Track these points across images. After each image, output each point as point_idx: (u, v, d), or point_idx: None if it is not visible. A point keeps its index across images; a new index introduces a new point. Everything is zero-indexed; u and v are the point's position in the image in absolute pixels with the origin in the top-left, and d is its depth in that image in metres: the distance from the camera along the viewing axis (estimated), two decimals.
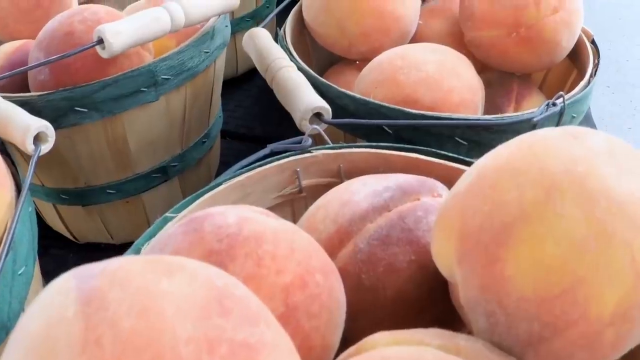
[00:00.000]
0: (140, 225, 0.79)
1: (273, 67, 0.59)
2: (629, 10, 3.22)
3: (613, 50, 2.88)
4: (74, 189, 0.72)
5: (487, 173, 0.33)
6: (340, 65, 0.76)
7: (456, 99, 0.58)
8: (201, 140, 0.77)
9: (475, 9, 0.68)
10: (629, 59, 2.89)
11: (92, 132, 0.66)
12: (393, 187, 0.43)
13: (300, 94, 0.54)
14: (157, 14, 0.61)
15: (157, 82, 0.65)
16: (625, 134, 2.41)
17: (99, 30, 0.58)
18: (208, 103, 0.75)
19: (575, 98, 0.58)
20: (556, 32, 0.64)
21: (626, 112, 2.50)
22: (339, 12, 0.69)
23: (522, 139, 0.34)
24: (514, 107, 0.68)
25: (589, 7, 0.67)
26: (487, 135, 0.54)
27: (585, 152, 0.31)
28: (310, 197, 0.51)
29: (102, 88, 0.62)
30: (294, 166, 0.50)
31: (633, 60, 2.88)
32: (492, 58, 0.69)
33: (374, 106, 0.56)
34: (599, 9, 3.12)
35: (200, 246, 0.35)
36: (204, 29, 0.69)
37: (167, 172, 0.75)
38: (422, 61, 0.59)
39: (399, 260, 0.40)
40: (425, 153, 0.49)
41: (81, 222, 0.78)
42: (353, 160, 0.50)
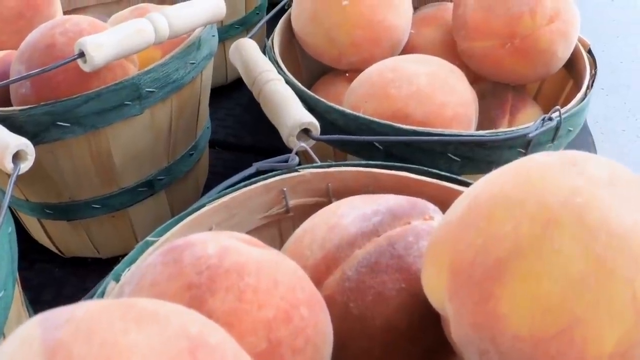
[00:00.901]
0: (127, 239, 0.78)
1: (260, 80, 0.57)
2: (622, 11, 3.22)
3: (607, 51, 2.88)
4: (58, 204, 0.70)
5: (480, 202, 0.31)
6: (331, 76, 0.74)
7: (449, 113, 0.56)
8: (188, 153, 0.75)
9: (468, 19, 0.66)
10: (623, 60, 2.88)
11: (75, 146, 0.64)
12: (383, 211, 0.41)
13: (287, 109, 0.52)
14: (141, 26, 0.59)
15: (142, 95, 0.63)
16: (618, 136, 2.40)
17: (79, 43, 0.56)
18: (195, 115, 0.74)
19: (572, 112, 0.56)
20: (552, 42, 0.63)
21: (620, 114, 2.50)
22: (328, 23, 0.67)
23: (518, 165, 0.32)
24: (509, 119, 0.67)
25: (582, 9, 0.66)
26: (480, 152, 0.53)
27: (585, 182, 0.30)
28: (297, 217, 0.49)
29: (85, 102, 0.60)
30: (281, 186, 0.48)
31: (627, 61, 2.87)
32: (485, 69, 0.67)
33: (364, 121, 0.54)
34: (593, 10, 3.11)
35: (179, 279, 0.34)
36: (190, 40, 0.67)
37: (153, 186, 0.73)
38: (414, 74, 0.58)
39: (388, 288, 0.38)
40: (416, 172, 0.47)
41: (67, 236, 0.77)
42: (342, 179, 0.48)
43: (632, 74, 2.79)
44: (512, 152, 0.54)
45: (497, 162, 0.54)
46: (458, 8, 0.68)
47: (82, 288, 0.79)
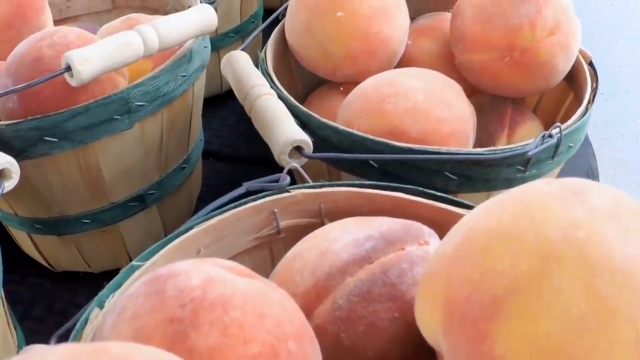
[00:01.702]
0: (118, 254, 0.76)
1: (251, 94, 0.55)
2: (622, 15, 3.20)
3: (606, 56, 2.86)
4: (48, 219, 0.68)
5: (477, 235, 0.30)
6: (325, 88, 0.72)
7: (446, 130, 0.54)
8: (180, 166, 0.74)
9: (466, 31, 0.64)
10: (622, 65, 2.87)
11: (63, 161, 0.62)
12: (375, 236, 0.39)
13: (279, 125, 0.51)
14: (129, 39, 0.57)
15: (131, 109, 0.61)
16: (618, 142, 2.39)
17: (66, 57, 0.55)
18: (187, 128, 0.72)
19: (572, 128, 0.55)
20: (552, 55, 0.61)
21: (619, 120, 2.48)
22: (323, 35, 0.65)
23: (517, 195, 0.31)
24: (508, 133, 0.65)
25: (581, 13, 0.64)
26: (478, 170, 0.51)
27: (586, 214, 0.28)
28: (289, 239, 0.48)
29: (72, 117, 0.59)
30: (271, 207, 0.47)
31: (626, 66, 2.86)
32: (484, 82, 0.66)
33: (358, 139, 0.52)
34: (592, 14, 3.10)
35: (162, 312, 0.32)
36: (181, 52, 0.65)
37: (144, 200, 0.71)
38: (410, 89, 0.56)
39: (380, 318, 0.37)
40: (411, 192, 0.46)
41: (57, 251, 0.75)
42: (335, 200, 0.47)
43: (631, 78, 2.78)
44: (511, 170, 0.52)
45: (496, 180, 0.53)
46: (456, 19, 0.67)
47: (73, 303, 0.78)
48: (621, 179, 2.22)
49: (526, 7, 0.60)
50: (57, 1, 0.86)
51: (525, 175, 0.53)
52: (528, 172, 0.53)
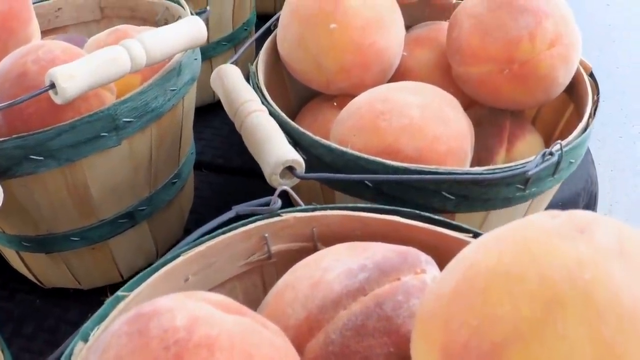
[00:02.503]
0: (109, 270, 0.74)
1: (242, 111, 0.54)
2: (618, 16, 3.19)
3: (602, 57, 2.85)
4: (36, 237, 0.67)
5: (476, 275, 0.28)
6: (319, 101, 0.70)
7: (442, 148, 0.53)
8: (171, 181, 0.72)
9: (463, 43, 0.62)
10: (619, 66, 2.86)
11: (50, 180, 0.60)
12: (370, 266, 0.38)
13: (270, 144, 0.49)
14: (115, 54, 0.56)
15: (118, 126, 0.60)
16: (615, 143, 2.38)
17: (50, 74, 0.53)
18: (177, 142, 0.70)
19: (573, 144, 0.53)
20: (552, 68, 0.59)
21: (616, 121, 2.47)
22: (315, 47, 0.63)
23: (518, 230, 0.29)
24: (506, 148, 0.63)
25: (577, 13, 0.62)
26: (477, 189, 0.50)
27: (592, 253, 0.26)
28: (281, 264, 0.46)
29: (58, 135, 0.57)
30: (262, 232, 0.45)
31: (622, 67, 2.85)
32: (482, 95, 0.64)
33: (352, 158, 0.51)
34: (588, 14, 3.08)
35: (145, 354, 0.31)
36: (170, 65, 0.63)
37: (134, 217, 0.69)
38: (405, 105, 0.54)
39: (375, 353, 0.35)
40: (407, 216, 0.44)
41: (46, 268, 0.74)
42: (327, 224, 0.45)
43: (628, 79, 2.77)
44: (511, 189, 0.51)
45: (494, 199, 0.51)
46: (453, 30, 0.64)
47: (64, 320, 0.76)
48: (618, 181, 2.21)
49: (525, 18, 0.59)
50: (45, 11, 0.84)
51: (525, 193, 0.52)
52: (528, 190, 0.51)
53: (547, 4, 0.59)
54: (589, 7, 3.18)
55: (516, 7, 0.59)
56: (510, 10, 0.59)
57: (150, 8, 0.82)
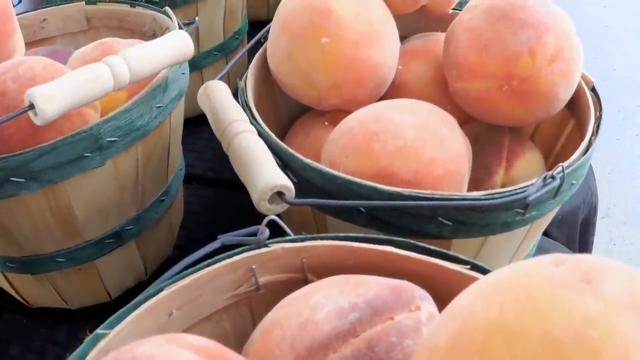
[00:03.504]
0: (96, 290, 0.72)
1: (229, 131, 0.52)
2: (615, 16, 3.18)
3: (599, 58, 2.84)
4: (20, 258, 0.65)
5: (474, 329, 0.26)
6: (311, 116, 0.68)
7: (439, 171, 0.50)
8: (159, 199, 0.70)
9: (460, 58, 0.60)
10: (616, 67, 2.84)
11: (32, 202, 0.58)
12: (361, 305, 0.36)
13: (258, 168, 0.47)
14: (97, 72, 0.53)
15: (102, 146, 0.57)
16: (613, 145, 2.36)
17: (29, 94, 0.51)
18: (165, 160, 0.68)
19: (576, 165, 0.51)
20: (553, 84, 0.56)
21: (614, 123, 2.45)
22: (306, 62, 0.61)
23: (521, 279, 0.27)
24: (505, 167, 0.61)
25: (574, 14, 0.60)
26: (474, 215, 0.47)
27: (600, 308, 0.24)
28: (270, 295, 0.44)
29: (39, 156, 0.55)
30: (249, 263, 0.43)
31: (620, 68, 2.83)
32: (480, 112, 0.61)
33: (344, 182, 0.48)
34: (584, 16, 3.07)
35: None
36: (156, 81, 0.61)
37: (121, 237, 0.67)
38: (400, 126, 0.52)
39: None
40: (401, 245, 0.42)
41: (32, 289, 0.71)
42: (318, 255, 0.43)
43: (625, 81, 2.75)
44: (510, 214, 0.48)
45: (493, 224, 0.49)
46: (449, 45, 0.62)
47: (51, 340, 0.75)
48: (616, 183, 2.20)
49: (526, 32, 0.56)
50: (30, 22, 0.82)
51: (524, 217, 0.49)
52: (528, 214, 0.49)
53: (548, 16, 0.57)
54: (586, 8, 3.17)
55: (515, 21, 0.56)
56: (509, 23, 0.57)
57: (138, 19, 0.80)
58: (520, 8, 0.57)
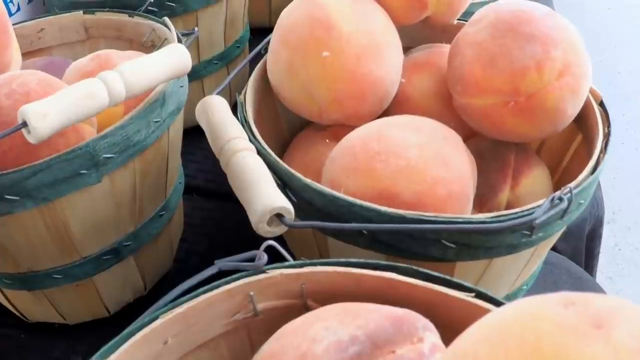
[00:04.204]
0: (94, 306, 0.71)
1: (227, 150, 0.50)
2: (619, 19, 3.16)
3: (604, 61, 2.82)
4: (17, 274, 0.64)
5: None
6: (312, 131, 0.66)
7: (442, 192, 0.49)
8: (158, 214, 0.69)
9: (465, 73, 0.58)
10: (621, 70, 2.82)
11: (27, 219, 0.57)
12: (361, 338, 0.34)
13: (257, 189, 0.46)
14: (92, 89, 0.52)
15: (98, 163, 0.56)
16: (617, 149, 2.34)
17: (22, 112, 0.50)
18: (163, 175, 0.67)
19: (584, 185, 0.49)
20: (561, 100, 0.55)
21: (619, 126, 2.43)
22: (306, 76, 0.59)
23: (527, 323, 0.25)
24: (511, 185, 0.59)
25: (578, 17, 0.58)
26: (479, 237, 0.46)
27: (611, 355, 0.23)
28: (269, 320, 0.43)
29: (33, 174, 0.53)
30: (247, 290, 0.41)
31: (625, 72, 2.81)
32: (485, 128, 0.60)
33: (345, 204, 0.47)
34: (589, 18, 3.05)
35: None
36: (153, 96, 0.60)
37: (119, 253, 0.66)
38: (402, 145, 0.50)
39: None
40: (403, 272, 0.40)
41: (29, 305, 0.70)
42: (317, 281, 0.42)
43: (630, 84, 2.73)
44: (516, 236, 0.47)
45: (498, 247, 0.48)
46: (454, 59, 0.60)
47: (49, 356, 0.74)
48: (621, 188, 2.18)
49: (532, 46, 0.54)
50: (27, 32, 0.81)
51: (531, 239, 0.48)
52: (534, 235, 0.48)
53: (556, 30, 0.55)
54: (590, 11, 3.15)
55: (522, 35, 0.55)
56: (515, 37, 0.55)
57: (136, 29, 0.79)
58: (526, 21, 0.55)
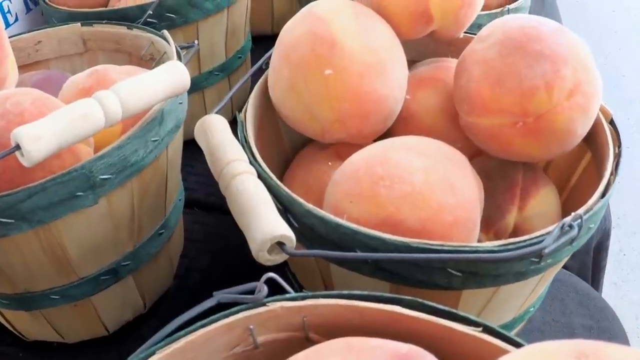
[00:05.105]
0: (93, 325, 0.70)
1: (227, 173, 0.49)
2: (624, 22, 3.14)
3: (609, 64, 2.80)
4: (14, 295, 0.62)
5: None
6: (314, 149, 0.64)
7: (449, 218, 0.47)
8: (157, 233, 0.67)
9: (472, 92, 0.56)
10: (625, 73, 2.80)
11: (23, 242, 0.56)
12: None
13: (257, 216, 0.44)
14: (87, 110, 0.50)
15: (95, 184, 0.55)
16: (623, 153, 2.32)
17: (15, 135, 0.48)
18: (162, 193, 0.65)
19: (594, 210, 0.48)
20: (571, 120, 0.53)
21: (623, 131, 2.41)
22: (309, 95, 0.57)
23: None
24: (519, 206, 0.57)
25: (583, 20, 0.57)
26: (486, 265, 0.44)
27: None
28: (270, 352, 0.41)
29: (28, 197, 0.52)
30: (246, 323, 0.40)
31: (630, 75, 2.79)
32: (491, 147, 0.58)
33: (348, 231, 0.45)
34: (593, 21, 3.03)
35: None
36: (150, 115, 0.58)
37: (117, 273, 0.65)
38: (407, 169, 0.49)
39: None
40: (408, 305, 0.39)
41: (27, 324, 0.69)
42: (320, 314, 0.40)
43: (635, 87, 2.71)
44: (524, 263, 0.45)
45: (506, 274, 0.46)
46: (460, 77, 0.58)
47: None
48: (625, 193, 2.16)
49: (542, 65, 0.52)
50: (24, 45, 0.80)
51: (539, 266, 0.46)
52: (543, 262, 0.46)
53: (565, 47, 0.53)
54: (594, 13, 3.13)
55: (531, 53, 0.53)
56: (524, 55, 0.53)
57: (135, 42, 0.77)
58: (535, 39, 0.53)
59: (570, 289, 0.77)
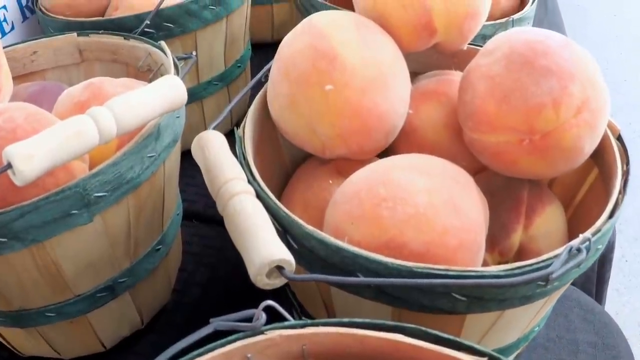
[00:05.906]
0: (90, 342, 0.69)
1: (224, 193, 0.47)
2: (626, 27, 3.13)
3: (611, 69, 2.79)
4: (8, 312, 0.61)
5: None
6: (315, 163, 0.62)
7: (453, 242, 0.46)
8: (154, 249, 0.66)
9: (477, 108, 0.54)
10: (627, 78, 2.80)
11: (17, 260, 0.55)
12: None
13: (255, 239, 0.43)
14: (80, 127, 0.49)
15: (90, 202, 0.53)
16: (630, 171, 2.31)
17: (6, 154, 0.47)
18: (159, 209, 0.64)
19: (603, 232, 0.46)
20: (578, 138, 0.51)
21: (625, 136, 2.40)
22: (309, 111, 0.56)
23: None
24: (524, 225, 0.55)
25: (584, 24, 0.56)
26: (491, 290, 0.43)
27: None
28: None
29: (21, 216, 0.51)
30: (244, 352, 0.39)
31: (631, 79, 2.79)
32: (497, 165, 0.56)
33: (349, 255, 0.44)
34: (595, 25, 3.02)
35: None
36: (147, 130, 0.57)
37: (114, 290, 0.63)
38: (410, 190, 0.47)
39: None
40: (411, 333, 0.38)
41: (22, 340, 0.68)
42: (320, 342, 0.39)
43: (637, 92, 2.70)
44: (530, 287, 0.44)
45: (512, 298, 0.45)
46: (465, 93, 0.57)
47: None
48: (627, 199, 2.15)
49: (549, 81, 0.51)
50: (20, 55, 0.79)
51: (546, 289, 0.45)
52: (550, 285, 0.45)
53: (573, 62, 0.52)
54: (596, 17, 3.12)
55: (538, 68, 0.51)
56: (531, 71, 0.52)
57: (132, 52, 0.76)
58: (542, 53, 0.52)
59: (575, 304, 0.76)
